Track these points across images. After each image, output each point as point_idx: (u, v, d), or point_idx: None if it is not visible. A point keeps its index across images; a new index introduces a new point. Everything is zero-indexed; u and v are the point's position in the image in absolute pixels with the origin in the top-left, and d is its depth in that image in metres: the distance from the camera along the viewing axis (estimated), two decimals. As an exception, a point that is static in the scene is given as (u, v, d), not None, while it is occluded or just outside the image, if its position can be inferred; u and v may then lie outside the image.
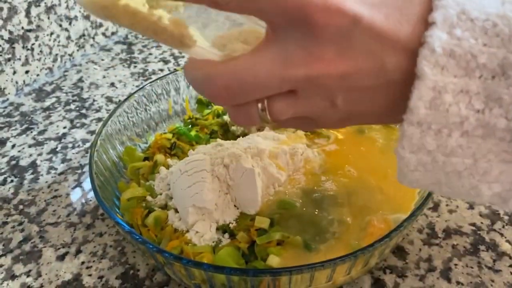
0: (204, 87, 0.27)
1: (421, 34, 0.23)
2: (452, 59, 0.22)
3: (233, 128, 0.55)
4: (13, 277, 0.44)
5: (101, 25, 0.86)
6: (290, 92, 0.26)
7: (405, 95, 0.24)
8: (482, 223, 0.46)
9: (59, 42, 0.78)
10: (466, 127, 0.22)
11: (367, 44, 0.24)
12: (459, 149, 0.23)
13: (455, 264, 0.42)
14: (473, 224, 0.46)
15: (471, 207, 0.48)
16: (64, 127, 0.65)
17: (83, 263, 0.45)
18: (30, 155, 0.60)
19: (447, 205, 0.48)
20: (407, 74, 0.24)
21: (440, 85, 0.22)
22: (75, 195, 0.53)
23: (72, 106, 0.70)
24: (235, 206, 0.44)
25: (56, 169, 0.57)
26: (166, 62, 0.80)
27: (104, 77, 0.77)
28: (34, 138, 0.63)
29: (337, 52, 0.24)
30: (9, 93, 0.71)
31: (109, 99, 0.71)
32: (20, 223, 0.50)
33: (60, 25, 0.77)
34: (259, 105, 0.27)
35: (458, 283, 0.41)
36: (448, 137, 0.23)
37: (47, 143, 0.62)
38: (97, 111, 0.68)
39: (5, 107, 0.70)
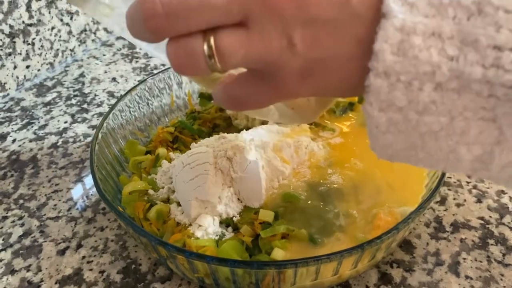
0: (138, 6, 0.22)
1: None
2: None
3: (236, 121, 0.54)
4: (13, 271, 0.43)
5: (102, 20, 0.85)
6: (240, 26, 0.22)
7: (372, 40, 0.21)
8: (490, 216, 0.45)
9: (60, 37, 0.77)
10: (438, 79, 0.20)
11: None
12: (433, 106, 0.20)
13: (464, 258, 0.41)
14: (482, 218, 0.45)
15: (479, 200, 0.47)
16: (65, 122, 0.64)
17: (84, 257, 0.44)
18: (31, 149, 0.59)
19: (454, 198, 0.48)
20: (375, 11, 0.21)
21: (409, 25, 0.19)
22: (76, 190, 0.52)
23: (73, 101, 0.69)
24: (238, 199, 0.43)
25: (56, 163, 0.57)
26: (168, 57, 0.79)
27: (105, 72, 0.76)
28: (34, 133, 0.62)
29: None
30: (9, 88, 0.71)
31: (111, 94, 0.70)
32: (20, 218, 0.49)
33: (61, 20, 0.76)
34: (206, 42, 0.22)
35: (467, 277, 0.40)
36: (419, 91, 0.20)
37: (47, 138, 0.61)
38: (99, 105, 0.68)
39: (6, 102, 0.69)
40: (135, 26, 0.23)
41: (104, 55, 0.82)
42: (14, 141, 0.61)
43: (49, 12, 0.73)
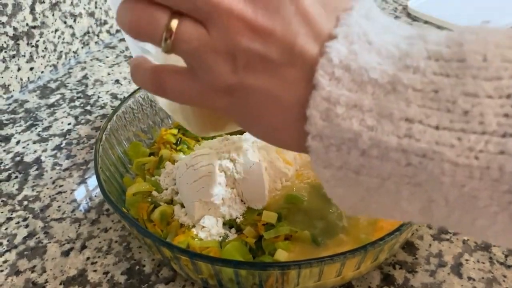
0: None
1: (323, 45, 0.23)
2: (348, 73, 0.22)
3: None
4: (17, 272, 0.43)
5: (105, 22, 0.86)
6: (203, 23, 0.24)
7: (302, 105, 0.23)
8: (493, 218, 0.45)
9: (63, 39, 0.77)
10: (361, 146, 0.22)
11: (292, 15, 0.23)
12: (363, 169, 0.22)
13: (466, 260, 0.42)
14: (484, 219, 0.45)
15: (481, 202, 0.47)
16: (69, 124, 0.65)
17: (88, 258, 0.44)
18: (35, 151, 0.60)
19: (457, 200, 0.48)
20: (309, 78, 0.23)
21: (334, 97, 0.22)
22: (80, 191, 0.53)
23: (77, 103, 0.69)
24: (242, 200, 0.43)
25: (60, 165, 0.57)
26: (171, 59, 0.80)
27: (108, 74, 0.77)
28: (38, 135, 0.63)
29: (266, 6, 0.23)
30: (13, 90, 0.71)
31: (114, 96, 0.70)
32: (25, 219, 0.49)
33: (65, 22, 0.77)
34: (170, 19, 0.24)
35: (469, 278, 0.40)
36: (347, 155, 0.22)
37: (51, 140, 0.62)
38: (102, 107, 0.68)
39: (10, 104, 0.70)
40: None
41: (107, 57, 0.82)
42: (18, 142, 0.62)
43: (53, 15, 0.74)
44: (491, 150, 0.20)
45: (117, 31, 0.89)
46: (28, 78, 0.73)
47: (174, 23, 0.24)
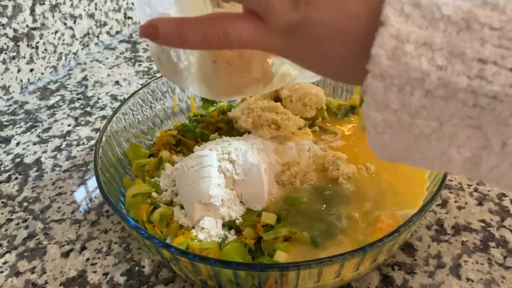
0: None
1: None
2: (417, 9, 0.21)
3: (239, 124, 0.55)
4: (17, 273, 0.43)
5: (105, 24, 0.86)
6: None
7: (369, 42, 0.22)
8: (491, 219, 0.46)
9: (63, 40, 0.77)
10: (428, 86, 0.21)
11: None
12: (423, 111, 0.22)
13: (465, 261, 0.42)
14: (483, 221, 0.46)
15: (480, 203, 0.47)
16: (69, 125, 0.65)
17: (88, 259, 0.44)
18: (35, 152, 0.60)
19: (455, 201, 0.48)
20: (373, 15, 0.23)
21: (403, 34, 0.21)
22: (80, 192, 0.53)
23: (77, 104, 0.69)
24: (241, 202, 0.43)
25: (60, 166, 0.57)
26: (170, 60, 0.80)
27: (108, 75, 0.77)
28: (38, 136, 0.63)
29: None
30: (13, 91, 0.71)
31: (114, 97, 0.71)
32: (25, 220, 0.49)
33: (65, 24, 0.77)
34: None
35: (468, 279, 0.40)
36: (410, 96, 0.22)
37: (51, 141, 0.62)
38: (102, 109, 0.68)
39: (10, 105, 0.70)
40: None
41: (107, 58, 0.82)
42: (18, 144, 0.62)
43: (53, 16, 0.74)
44: None
45: (117, 32, 0.89)
46: (28, 79, 0.73)
47: None
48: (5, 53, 0.68)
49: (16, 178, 0.56)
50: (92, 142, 0.61)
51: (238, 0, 0.26)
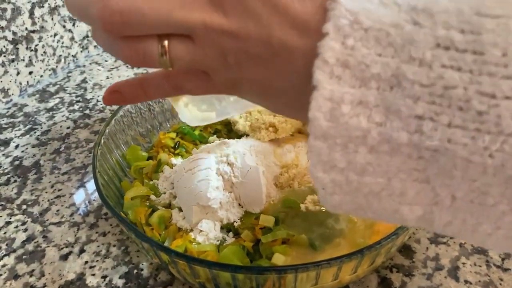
0: (95, 5, 0.25)
1: (315, 44, 0.22)
2: (347, 69, 0.21)
3: (237, 127, 0.55)
4: (16, 276, 0.43)
5: (104, 26, 0.86)
6: (188, 38, 0.26)
7: (302, 94, 0.23)
8: (489, 221, 0.46)
9: (62, 43, 0.78)
10: (370, 142, 0.21)
11: (260, 9, 0.23)
12: (370, 167, 0.22)
13: (463, 263, 0.42)
14: (481, 223, 0.46)
15: (478, 205, 0.47)
16: (68, 128, 0.65)
17: (86, 262, 0.44)
18: (34, 155, 0.60)
19: (454, 203, 0.48)
20: (304, 59, 0.23)
21: (337, 95, 0.21)
22: (79, 195, 0.53)
23: (76, 107, 0.70)
24: (239, 204, 0.43)
25: (59, 169, 0.57)
26: (169, 62, 0.80)
27: (107, 78, 0.77)
28: (37, 139, 0.63)
29: (234, 9, 0.24)
30: (12, 94, 0.71)
31: (113, 100, 0.70)
32: (24, 223, 0.49)
33: (64, 26, 0.77)
34: (160, 44, 0.26)
35: (466, 282, 0.40)
36: (355, 153, 0.21)
37: (50, 143, 0.62)
38: (101, 111, 0.68)
39: (9, 108, 0.70)
40: (85, 15, 0.27)
41: (106, 61, 0.82)
42: (17, 146, 0.62)
43: (52, 19, 0.74)
44: (507, 150, 0.19)
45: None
46: (27, 82, 0.73)
47: (165, 43, 0.26)
48: (4, 56, 0.68)
49: (15, 181, 0.56)
50: (91, 144, 0.61)
51: (180, 68, 0.28)
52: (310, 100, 0.21)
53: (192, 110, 0.44)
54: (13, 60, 0.69)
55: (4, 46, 0.67)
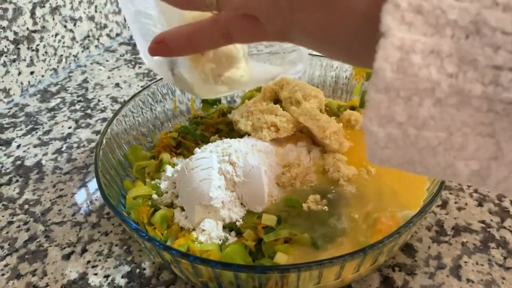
0: None
1: None
2: (420, 15, 0.19)
3: (239, 126, 0.55)
4: (18, 276, 0.43)
5: (105, 26, 0.86)
6: None
7: (365, 36, 0.22)
8: (491, 220, 0.46)
9: (64, 43, 0.78)
10: (438, 95, 0.20)
11: None
12: (432, 121, 0.21)
13: (465, 262, 0.42)
14: (483, 222, 0.46)
15: (480, 204, 0.47)
16: (69, 127, 0.65)
17: (88, 262, 0.44)
18: (35, 155, 0.60)
19: (455, 202, 0.48)
20: (366, 1, 0.22)
21: (407, 44, 0.20)
22: (81, 195, 0.53)
23: (77, 107, 0.70)
24: (241, 203, 0.43)
25: (61, 169, 0.57)
26: (170, 62, 0.80)
27: (109, 77, 0.77)
28: (39, 138, 0.63)
29: None
30: (14, 94, 0.71)
31: (114, 100, 0.71)
32: (26, 223, 0.49)
33: (65, 26, 0.77)
34: None
35: (468, 280, 0.40)
36: (419, 107, 0.20)
37: (52, 143, 0.62)
38: (102, 111, 0.68)
39: (10, 108, 0.70)
40: None
41: (107, 60, 0.83)
42: (18, 146, 0.62)
43: (53, 19, 0.74)
44: None
45: (117, 34, 0.90)
46: (29, 82, 0.73)
47: None
48: (6, 56, 0.68)
49: (17, 181, 0.56)
50: (93, 144, 0.61)
51: (242, 8, 0.27)
52: (376, 49, 0.20)
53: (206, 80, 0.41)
54: (14, 60, 0.69)
55: (5, 46, 0.67)
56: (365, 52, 0.21)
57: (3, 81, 0.69)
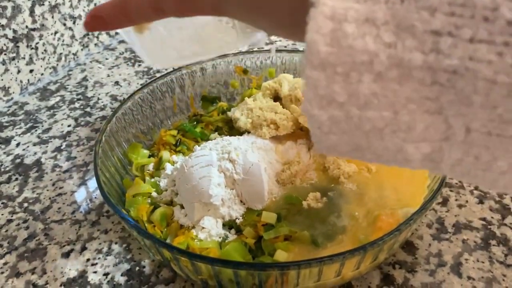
0: None
1: None
2: None
3: (238, 124, 0.55)
4: (18, 274, 0.43)
5: (105, 24, 0.86)
6: None
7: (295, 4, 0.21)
8: (492, 217, 0.46)
9: (63, 41, 0.77)
10: (377, 68, 0.18)
11: None
12: (374, 99, 0.19)
13: (466, 259, 0.42)
14: (483, 219, 0.45)
15: (481, 201, 0.47)
16: (69, 125, 0.65)
17: (88, 260, 0.44)
18: (35, 153, 0.60)
19: (456, 199, 0.48)
20: None
21: (340, 13, 0.18)
22: (80, 193, 0.53)
23: (77, 105, 0.69)
24: (241, 201, 0.43)
25: (60, 167, 0.57)
26: (170, 60, 0.80)
27: (108, 76, 0.77)
28: (38, 137, 0.63)
29: None
30: (13, 92, 0.71)
31: (114, 98, 0.71)
32: (25, 221, 0.49)
33: (64, 24, 0.77)
34: None
35: (469, 278, 0.40)
36: (358, 83, 0.19)
37: (51, 141, 0.62)
38: (102, 109, 0.68)
39: (10, 106, 0.70)
40: None
41: (106, 59, 0.82)
42: (18, 145, 0.62)
43: (52, 17, 0.74)
44: None
45: (117, 33, 0.89)
46: (28, 80, 0.73)
47: None
48: (5, 54, 0.68)
49: (16, 179, 0.55)
50: (92, 142, 0.61)
51: None
52: (307, 20, 0.19)
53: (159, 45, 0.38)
54: (13, 58, 0.69)
55: (4, 44, 0.67)
56: (299, 25, 0.20)
57: (2, 80, 0.69)
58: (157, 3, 0.27)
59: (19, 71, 0.71)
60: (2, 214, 0.50)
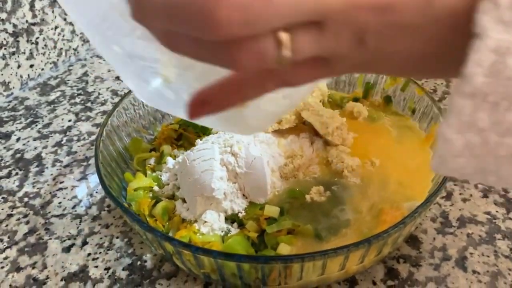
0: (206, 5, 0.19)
1: None
2: None
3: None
4: (18, 269, 0.43)
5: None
6: (314, 24, 0.21)
7: (451, 45, 0.20)
8: (497, 211, 0.45)
9: (63, 36, 0.77)
10: None
11: None
12: None
13: (471, 253, 0.41)
14: (488, 213, 0.45)
15: (485, 195, 0.47)
16: (69, 120, 0.64)
17: (89, 254, 0.44)
18: (35, 148, 0.59)
19: (460, 193, 0.47)
20: (458, 21, 0.20)
21: (504, 46, 0.18)
22: (81, 187, 0.52)
23: (77, 100, 0.69)
24: (243, 195, 0.43)
25: (61, 161, 0.56)
26: (171, 55, 0.79)
27: (109, 71, 0.76)
28: (39, 132, 0.62)
29: None
30: (13, 87, 0.71)
31: (115, 93, 0.70)
32: (25, 216, 0.49)
33: (65, 19, 0.76)
34: (279, 36, 0.20)
35: (474, 272, 0.40)
36: (506, 112, 0.19)
37: (52, 136, 0.61)
38: (103, 104, 0.68)
39: (10, 101, 0.69)
40: (175, 15, 0.20)
41: (107, 54, 0.82)
42: (18, 139, 0.61)
43: (53, 11, 0.74)
44: None
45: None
46: (28, 75, 0.73)
47: (286, 38, 0.20)
48: (5, 49, 0.67)
49: (17, 174, 0.55)
50: (93, 137, 0.61)
51: (315, 55, 0.22)
52: (468, 52, 0.19)
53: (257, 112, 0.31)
54: (13, 53, 0.69)
55: (4, 39, 0.67)
56: (455, 63, 0.20)
57: (2, 74, 0.68)
58: (286, 78, 0.23)
59: (19, 66, 0.70)
60: (3, 209, 0.50)
